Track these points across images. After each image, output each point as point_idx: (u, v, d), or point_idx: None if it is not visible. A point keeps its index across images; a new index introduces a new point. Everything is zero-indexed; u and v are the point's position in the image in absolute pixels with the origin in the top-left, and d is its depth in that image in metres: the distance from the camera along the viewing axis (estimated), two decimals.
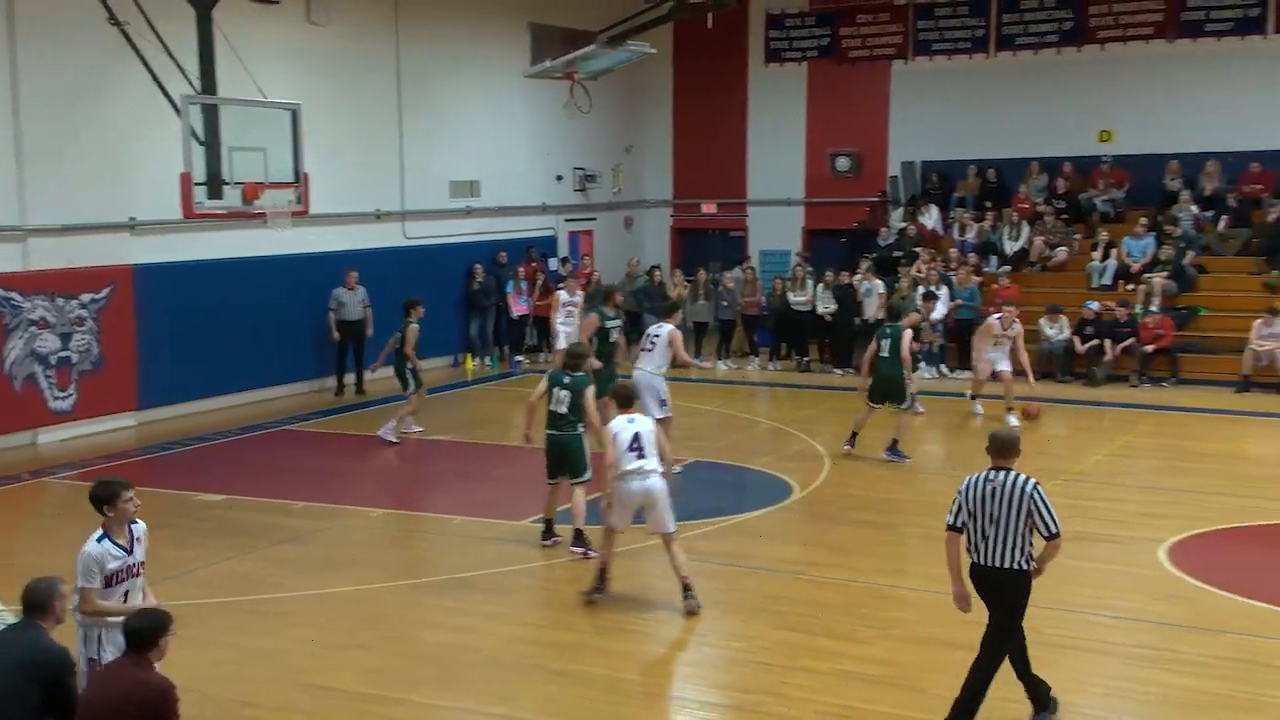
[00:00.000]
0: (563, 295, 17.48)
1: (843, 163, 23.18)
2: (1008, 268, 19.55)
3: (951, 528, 6.53)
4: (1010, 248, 20.13)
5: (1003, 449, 6.55)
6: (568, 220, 23.07)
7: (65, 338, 14.51)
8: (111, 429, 14.87)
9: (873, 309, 18.69)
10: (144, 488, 12.21)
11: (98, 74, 14.35)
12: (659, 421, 11.70)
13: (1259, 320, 16.74)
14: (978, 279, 19.02)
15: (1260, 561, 9.53)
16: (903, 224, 21.44)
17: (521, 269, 20.34)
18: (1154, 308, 17.69)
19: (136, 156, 14.80)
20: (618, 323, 12.92)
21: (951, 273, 19.03)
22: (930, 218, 21.30)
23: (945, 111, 22.10)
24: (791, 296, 19.58)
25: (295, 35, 17.23)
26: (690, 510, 11.13)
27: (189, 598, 8.45)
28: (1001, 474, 6.46)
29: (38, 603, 5.46)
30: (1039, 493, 6.37)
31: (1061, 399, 16.45)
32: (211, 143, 12.81)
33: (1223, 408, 15.76)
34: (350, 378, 17.61)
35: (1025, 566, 6.36)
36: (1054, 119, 21.13)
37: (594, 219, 23.79)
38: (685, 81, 24.45)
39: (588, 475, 9.82)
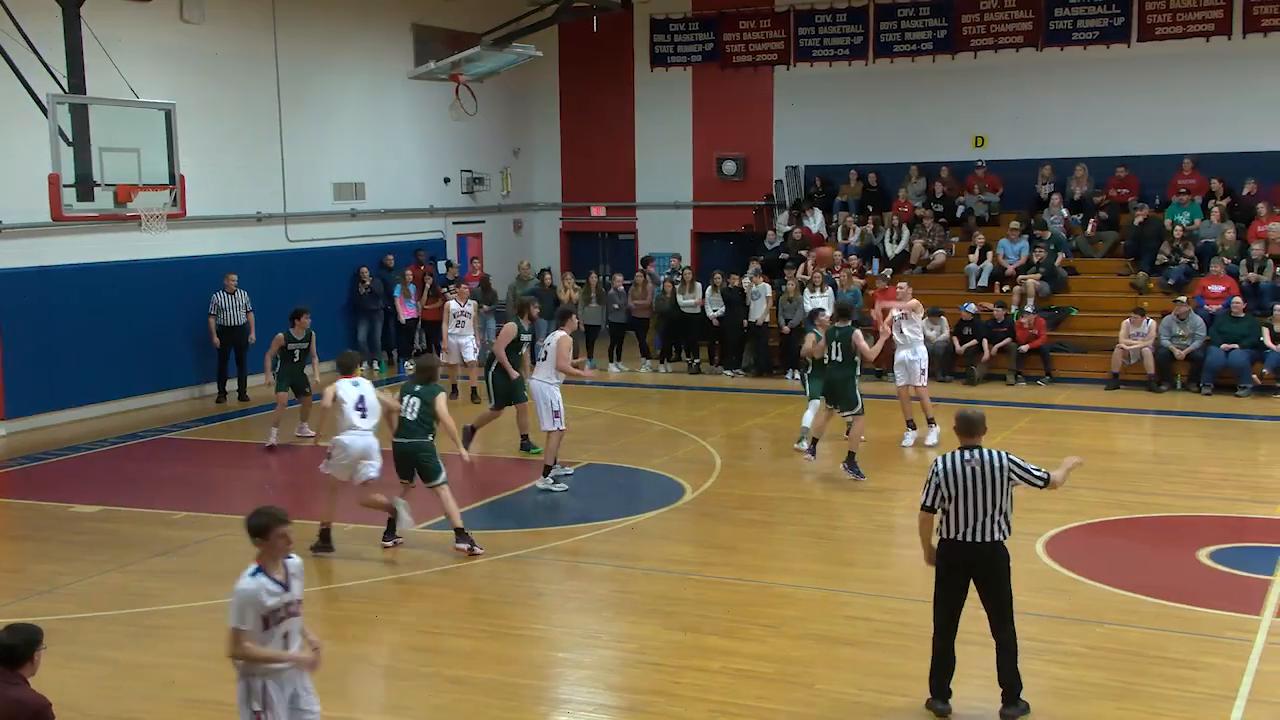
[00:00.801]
0: (453, 305, 16.89)
1: (729, 166, 23.46)
2: (889, 270, 20.02)
3: (926, 508, 6.71)
4: (891, 250, 20.62)
5: (973, 428, 6.77)
6: (456, 223, 22.87)
7: None
8: None
9: (761, 311, 18.97)
10: (12, 499, 11.81)
11: None
12: (549, 434, 11.73)
13: (1127, 320, 17.45)
14: (860, 281, 19.43)
15: (1132, 553, 9.92)
16: (788, 227, 21.79)
17: (409, 272, 20.09)
18: (1028, 308, 18.30)
19: (1, 157, 14.19)
20: (529, 336, 13.48)
21: (835, 275, 19.40)
22: (815, 221, 21.68)
23: (827, 117, 22.53)
24: (681, 299, 19.74)
25: (168, 33, 16.74)
26: (583, 512, 11.18)
27: (64, 613, 8.14)
28: (976, 452, 6.68)
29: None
30: (1013, 460, 6.70)
31: (942, 398, 16.87)
32: (81, 143, 12.37)
33: (1094, 404, 16.38)
34: (232, 384, 17.17)
35: (1007, 536, 6.67)
36: (931, 125, 21.72)
37: (483, 222, 23.63)
38: (572, 84, 24.46)
39: (442, 478, 9.92)
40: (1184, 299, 17.45)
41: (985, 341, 18.04)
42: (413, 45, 21.16)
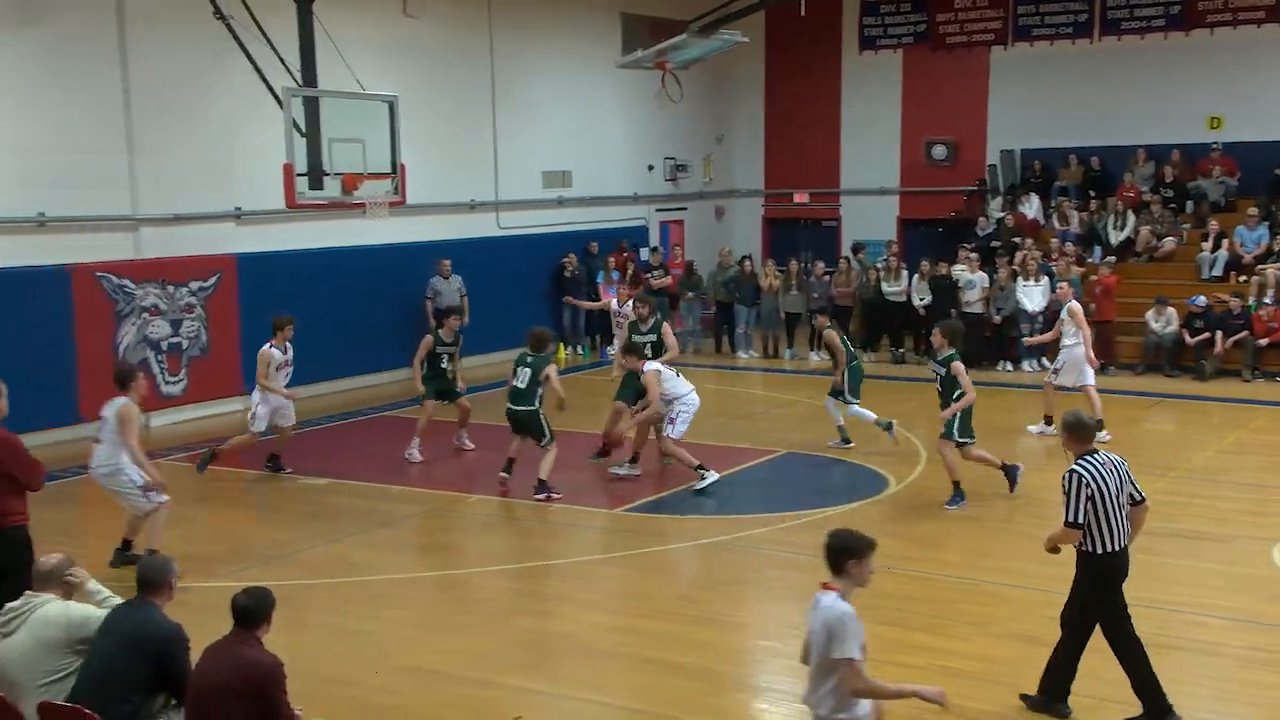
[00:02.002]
0: (613, 304, 15.56)
1: (938, 151, 22.79)
2: (1112, 258, 19.03)
3: (1076, 524, 6.42)
4: (1115, 238, 19.60)
5: (1090, 433, 6.62)
6: (659, 210, 23.08)
7: (175, 324, 14.98)
8: (219, 413, 15.30)
9: (974, 300, 18.36)
10: (248, 470, 12.65)
11: (204, 68, 14.77)
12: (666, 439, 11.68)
13: None
14: (1079, 269, 18.54)
15: None
16: (1001, 214, 21.01)
17: (612, 259, 20.40)
18: (1267, 299, 17.07)
19: (241, 148, 15.20)
20: (652, 337, 12.53)
21: (1053, 263, 18.59)
22: (1030, 207, 20.83)
23: (1046, 98, 21.57)
24: (886, 287, 19.33)
25: (392, 27, 17.50)
26: (783, 503, 11.11)
27: (291, 579, 8.66)
28: (1102, 455, 6.52)
29: (151, 580, 5.62)
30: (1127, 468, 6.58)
31: (1168, 394, 15.98)
32: (312, 134, 13.08)
33: None
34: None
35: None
36: (1160, 105, 20.51)
37: (685, 209, 23.76)
38: (777, 70, 24.26)
39: (548, 440, 11.28)
40: None
41: (1219, 334, 16.94)
42: (621, 34, 21.45)
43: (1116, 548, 6.43)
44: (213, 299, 15.35)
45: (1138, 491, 6.54)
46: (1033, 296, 18.10)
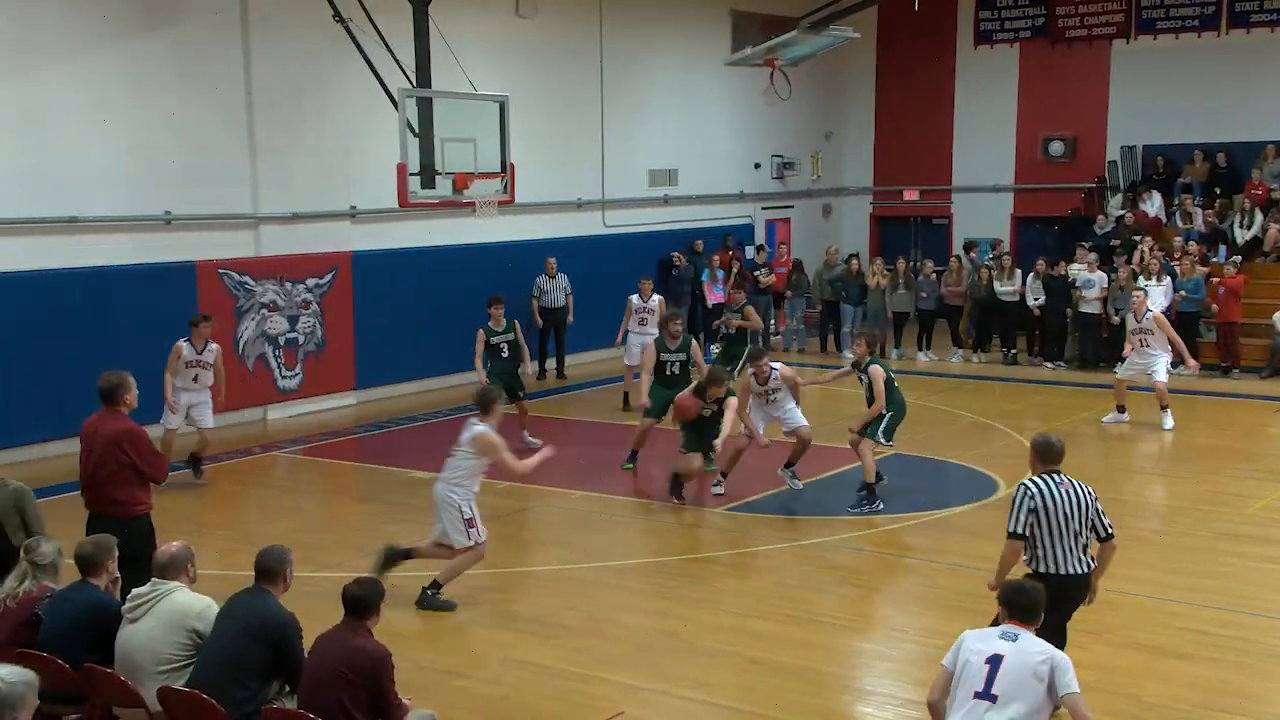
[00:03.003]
0: (635, 300, 15.23)
1: (1056, 147, 22.23)
2: (1238, 258, 18.32)
3: (1013, 535, 6.39)
4: (1241, 236, 18.86)
5: (1055, 456, 6.52)
6: (765, 208, 22.95)
7: (292, 320, 15.42)
8: (332, 407, 15.71)
9: (1092, 300, 17.85)
10: (360, 463, 12.95)
11: (323, 70, 15.16)
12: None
13: None
14: (1203, 269, 17.90)
15: None
16: (1121, 211, 20.38)
17: (717, 257, 20.35)
18: None
19: (357, 148, 15.57)
20: (681, 355, 12.27)
21: (1175, 262, 17.97)
22: (1153, 205, 20.17)
23: (1169, 93, 20.88)
24: (998, 286, 18.91)
25: (504, 28, 17.74)
26: (891, 504, 10.95)
27: (405, 571, 8.83)
28: (1064, 478, 6.45)
29: (268, 569, 5.79)
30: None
31: None
32: (425, 134, 13.32)
33: None
34: (552, 362, 18.05)
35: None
36: None
37: (791, 206, 23.59)
38: (889, 65, 23.92)
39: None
40: None
41: None
42: (730, 31, 21.38)
43: (1061, 571, 6.28)
44: (328, 295, 15.76)
45: (1103, 528, 6.44)
46: (1155, 297, 17.48)
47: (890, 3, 20.23)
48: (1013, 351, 18.92)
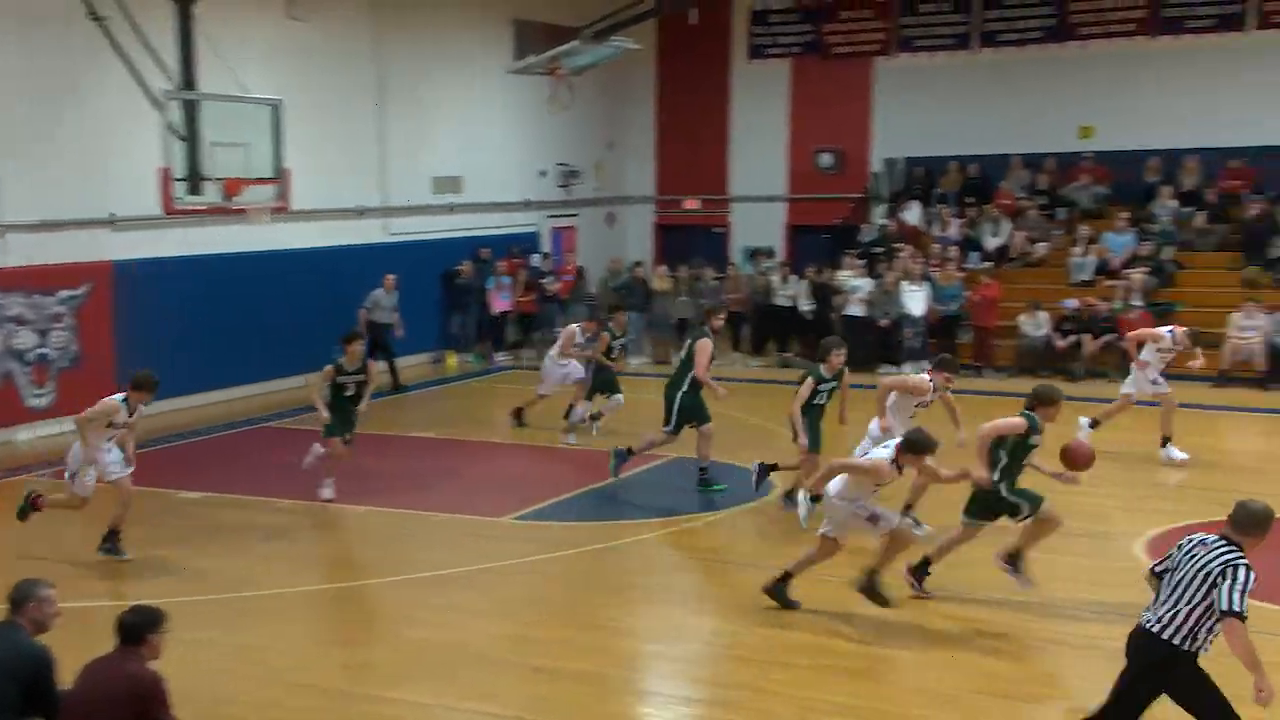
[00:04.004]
0: (577, 333, 14.70)
1: (826, 159, 23.22)
2: (989, 264, 19.65)
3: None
4: (992, 243, 20.22)
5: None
6: (550, 216, 23.05)
7: (43, 334, 14.43)
8: None
9: (856, 305, 18.77)
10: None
11: (77, 69, 14.27)
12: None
13: (1238, 313, 16.86)
14: (960, 275, 19.11)
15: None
16: (884, 220, 21.51)
17: (503, 265, 20.31)
18: (1134, 303, 17.80)
19: (116, 152, 14.71)
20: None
21: (934, 269, 19.11)
22: (913, 214, 21.37)
23: (929, 108, 22.15)
24: (774, 292, 19.63)
25: (276, 30, 17.15)
26: (676, 506, 11.19)
27: (173, 595, 8.41)
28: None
29: (17, 601, 5.44)
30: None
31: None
32: (192, 138, 12.76)
33: (1201, 402, 15.84)
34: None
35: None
36: (1036, 115, 21.20)
37: (577, 215, 23.78)
38: (669, 77, 24.45)
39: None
40: None
41: (1088, 337, 17.60)
42: (513, 40, 21.39)
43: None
44: (84, 307, 14.83)
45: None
46: (916, 301, 18.60)
47: (669, 16, 20.72)
48: (786, 355, 19.67)
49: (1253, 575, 5.30)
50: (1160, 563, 5.78)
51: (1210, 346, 17.03)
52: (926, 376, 10.34)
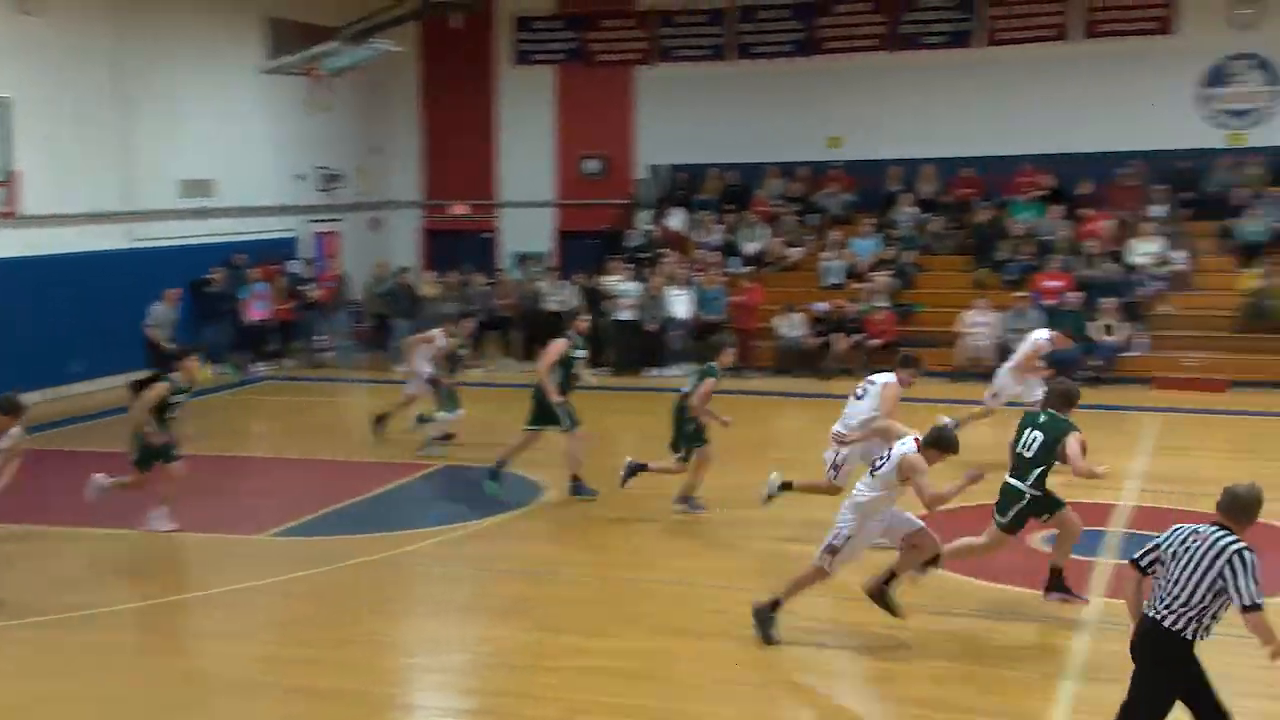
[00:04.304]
0: (440, 340, 14.11)
1: (592, 165, 23.52)
2: (749, 268, 20.39)
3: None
4: (750, 249, 20.98)
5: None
6: (311, 221, 22.37)
7: None
8: None
9: (624, 309, 19.09)
10: None
11: None
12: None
13: (971, 312, 18.12)
14: (722, 279, 19.74)
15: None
16: (650, 226, 21.98)
17: (257, 272, 19.55)
18: (879, 304, 18.85)
19: None
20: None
21: (698, 274, 19.66)
22: (677, 220, 21.92)
23: (690, 116, 22.72)
24: (544, 297, 19.72)
25: (5, 25, 15.95)
26: (436, 516, 11.08)
27: None
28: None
29: None
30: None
31: (796, 392, 17.27)
32: None
33: (940, 397, 16.92)
34: None
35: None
36: (789, 125, 22.09)
37: (340, 220, 23.17)
38: (433, 80, 24.18)
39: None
40: (1024, 294, 18.21)
41: (839, 337, 18.52)
42: (266, 38, 20.64)
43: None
44: None
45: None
46: (681, 305, 19.09)
47: (431, 19, 20.50)
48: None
49: (1257, 559, 5.28)
50: (1146, 554, 5.57)
51: (946, 345, 18.31)
52: (894, 378, 10.05)
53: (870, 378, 10.39)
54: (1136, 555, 5.60)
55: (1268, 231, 18.40)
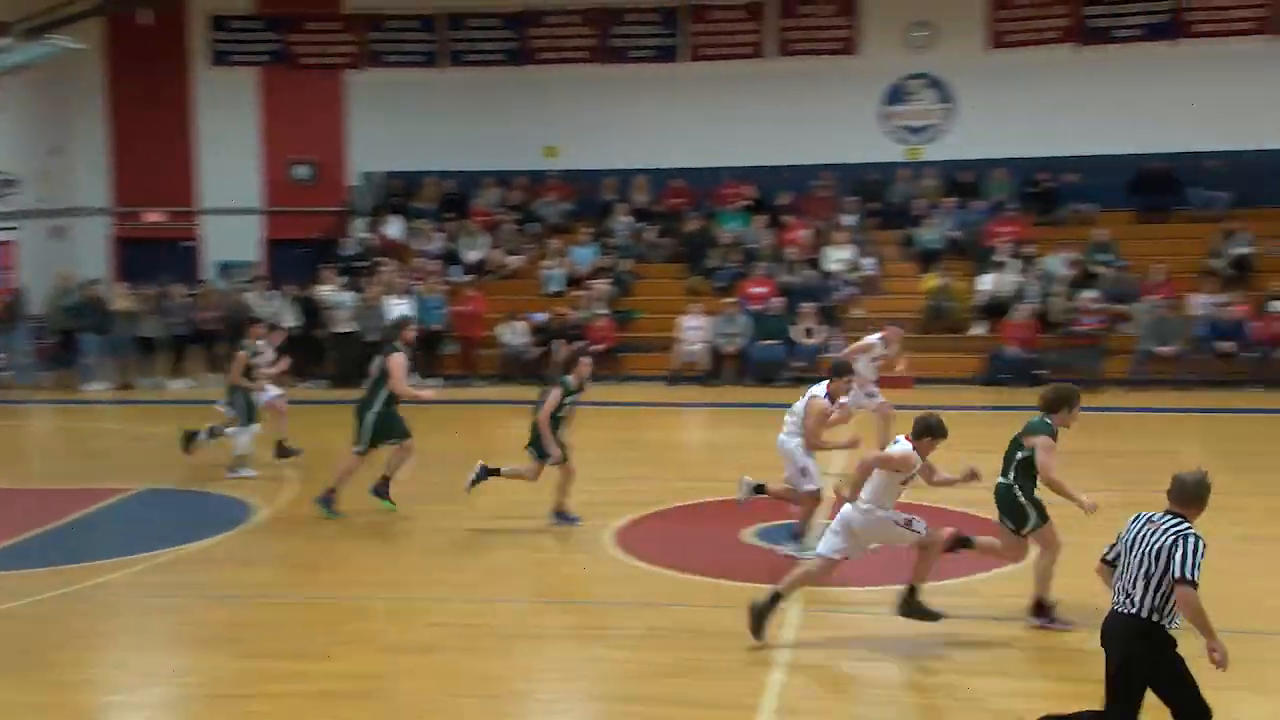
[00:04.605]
0: (269, 352, 13.66)
1: (301, 171, 22.72)
2: (470, 276, 20.28)
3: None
4: (471, 257, 20.88)
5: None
6: None
7: None
8: None
9: (342, 320, 18.54)
10: None
11: None
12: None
13: (685, 318, 18.78)
14: (444, 288, 19.54)
15: (690, 537, 10.61)
16: (366, 234, 21.46)
17: None
18: (599, 310, 19.21)
19: None
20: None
21: (417, 283, 19.37)
22: (394, 228, 21.51)
23: (405, 123, 22.38)
24: (254, 309, 18.83)
25: None
26: (141, 542, 10.34)
27: None
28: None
29: None
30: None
31: (521, 400, 17.30)
32: None
33: (658, 400, 17.48)
34: None
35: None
36: (505, 134, 22.17)
37: (16, 228, 21.26)
38: (121, 79, 22.65)
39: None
40: (733, 300, 19.06)
41: (561, 344, 18.70)
42: None
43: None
44: None
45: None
46: (402, 314, 18.66)
47: (117, 15, 19.19)
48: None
49: (1203, 544, 5.44)
50: (1111, 550, 5.81)
51: (663, 349, 18.90)
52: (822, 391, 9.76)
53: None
54: (1105, 554, 5.85)
55: (943, 239, 20.09)
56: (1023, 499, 7.87)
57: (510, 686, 7.55)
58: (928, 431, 7.82)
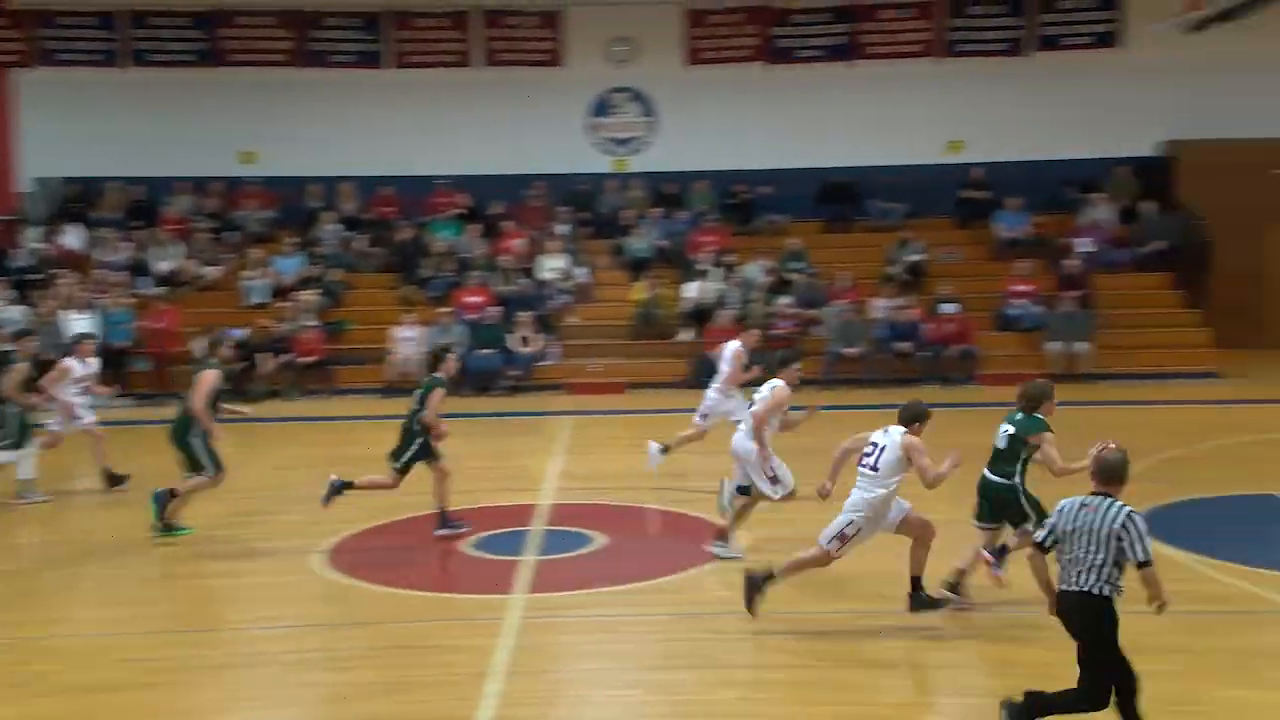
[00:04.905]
0: (77, 366, 12.89)
1: None
2: (162, 289, 19.10)
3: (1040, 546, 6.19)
4: (162, 268, 19.67)
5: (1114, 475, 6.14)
6: None
7: None
8: None
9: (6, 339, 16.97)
10: None
11: None
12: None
13: (399, 328, 18.45)
14: (130, 300, 18.29)
15: (405, 552, 10.40)
16: (41, 244, 19.80)
17: None
18: (308, 322, 18.55)
19: None
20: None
21: (101, 296, 18.04)
22: (73, 237, 19.95)
23: (84, 126, 20.85)
24: None
25: None
26: None
27: None
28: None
29: None
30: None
31: (225, 418, 16.45)
32: None
33: (373, 413, 17.02)
34: None
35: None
36: (198, 138, 21.05)
37: None
38: None
39: None
40: (448, 309, 18.89)
41: (265, 357, 17.95)
42: None
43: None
44: None
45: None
46: (83, 329, 17.32)
47: None
48: None
49: (1143, 519, 5.94)
50: (1046, 535, 6.11)
51: (376, 361, 18.48)
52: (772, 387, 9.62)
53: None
54: (1038, 538, 6.20)
55: (651, 249, 20.72)
56: (1024, 500, 8.05)
57: None
58: (917, 418, 8.02)
